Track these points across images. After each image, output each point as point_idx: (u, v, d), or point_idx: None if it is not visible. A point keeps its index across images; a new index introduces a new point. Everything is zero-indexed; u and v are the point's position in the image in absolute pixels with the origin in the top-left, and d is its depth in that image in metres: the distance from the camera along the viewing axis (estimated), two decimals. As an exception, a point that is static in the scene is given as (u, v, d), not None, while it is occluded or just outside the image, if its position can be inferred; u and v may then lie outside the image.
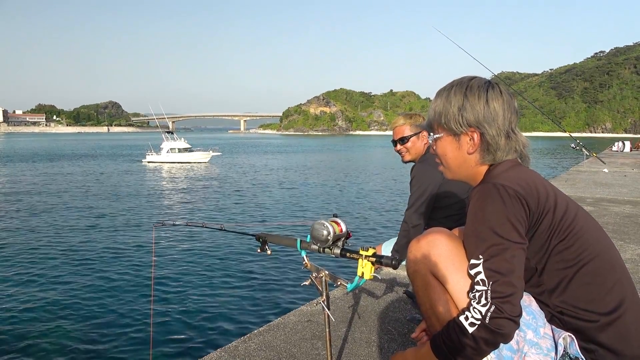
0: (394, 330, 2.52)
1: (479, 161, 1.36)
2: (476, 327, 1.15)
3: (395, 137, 2.91)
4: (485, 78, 1.39)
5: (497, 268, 1.16)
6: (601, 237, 1.29)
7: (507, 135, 1.33)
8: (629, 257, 4.13)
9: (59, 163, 38.54)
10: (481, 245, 1.20)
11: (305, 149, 67.84)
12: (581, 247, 1.21)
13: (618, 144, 26.81)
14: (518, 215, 1.19)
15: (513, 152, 1.35)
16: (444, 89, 1.39)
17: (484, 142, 1.34)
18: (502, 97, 1.33)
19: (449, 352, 1.20)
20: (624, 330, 1.18)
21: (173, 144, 39.36)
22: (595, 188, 9.15)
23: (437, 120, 1.40)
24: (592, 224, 1.31)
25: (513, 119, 1.35)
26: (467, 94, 1.33)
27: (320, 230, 1.72)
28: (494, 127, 1.32)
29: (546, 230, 1.22)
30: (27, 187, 22.53)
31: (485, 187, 1.25)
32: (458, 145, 1.38)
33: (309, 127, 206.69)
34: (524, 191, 1.21)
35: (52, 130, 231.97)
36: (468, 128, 1.34)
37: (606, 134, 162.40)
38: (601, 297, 1.19)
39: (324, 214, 15.30)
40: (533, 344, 1.20)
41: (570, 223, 1.23)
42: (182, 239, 11.46)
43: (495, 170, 1.33)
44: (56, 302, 7.42)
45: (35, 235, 12.00)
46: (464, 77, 1.40)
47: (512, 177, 1.26)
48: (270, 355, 2.26)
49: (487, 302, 1.15)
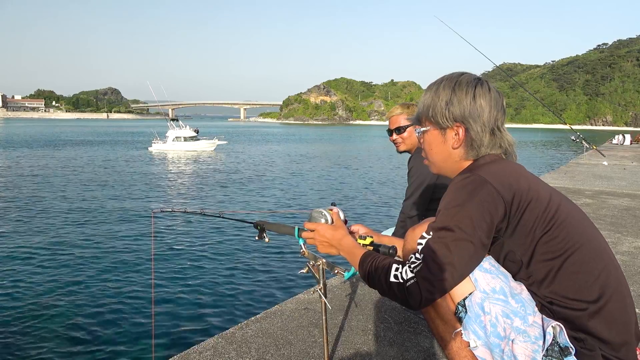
0: (390, 318, 2.53)
1: (463, 156, 1.39)
2: (396, 282, 1.26)
3: (392, 126, 2.89)
4: (476, 75, 1.41)
5: (436, 250, 1.22)
6: (586, 226, 1.29)
7: (492, 132, 1.36)
8: (626, 250, 4.15)
9: (63, 150, 38.45)
10: (438, 223, 1.25)
11: (305, 139, 67.73)
12: (567, 237, 1.22)
13: (618, 137, 26.79)
14: (487, 210, 1.20)
15: (497, 148, 1.37)
16: (434, 83, 1.42)
17: (469, 138, 1.36)
18: (490, 94, 1.36)
19: (366, 274, 1.37)
20: (610, 318, 1.19)
21: (179, 132, 39.25)
22: (594, 181, 9.16)
23: (424, 113, 1.43)
24: (576, 213, 1.31)
25: (499, 117, 1.37)
26: (456, 89, 1.36)
27: (318, 218, 1.71)
28: (479, 123, 1.34)
29: (529, 221, 1.22)
30: (30, 173, 22.51)
31: (462, 176, 1.28)
32: (443, 140, 1.41)
33: (309, 116, 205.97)
34: (501, 184, 1.23)
35: (51, 116, 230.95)
36: (454, 122, 1.37)
37: (607, 126, 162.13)
38: (588, 285, 1.20)
39: (322, 202, 15.32)
40: (520, 331, 1.21)
41: (554, 214, 1.23)
42: (182, 225, 11.49)
43: (476, 163, 1.36)
44: (56, 289, 7.46)
45: (37, 222, 12.02)
46: (454, 72, 1.42)
47: (491, 170, 1.28)
48: (267, 341, 2.27)
49: (413, 273, 1.23)
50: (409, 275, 1.24)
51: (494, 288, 1.23)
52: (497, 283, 1.24)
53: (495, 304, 1.22)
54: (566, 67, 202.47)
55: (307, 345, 2.24)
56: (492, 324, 1.22)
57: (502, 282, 1.25)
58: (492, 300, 1.23)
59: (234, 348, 2.21)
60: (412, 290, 1.22)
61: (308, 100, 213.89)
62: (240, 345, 2.24)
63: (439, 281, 1.21)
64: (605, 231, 4.85)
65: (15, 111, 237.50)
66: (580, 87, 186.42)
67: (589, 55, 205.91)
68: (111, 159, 30.61)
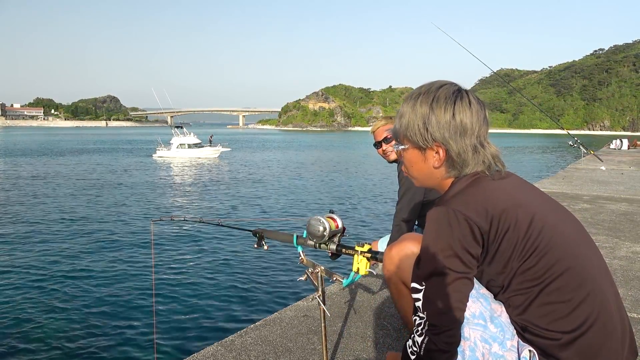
0: (389, 325, 2.54)
1: (445, 175, 1.32)
2: (415, 356, 1.21)
3: (378, 138, 2.90)
4: (456, 85, 1.32)
5: (435, 299, 1.18)
6: (575, 246, 1.22)
7: (474, 149, 1.28)
8: (623, 255, 4.16)
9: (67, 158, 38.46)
10: (425, 270, 1.21)
11: (304, 145, 67.79)
12: (547, 264, 1.16)
13: (616, 142, 26.86)
14: (466, 243, 1.17)
15: (480, 165, 1.28)
16: (411, 96, 1.34)
17: (450, 158, 1.29)
18: (471, 108, 1.27)
19: None
20: (586, 348, 1.15)
21: (183, 140, 39.33)
22: (592, 185, 9.17)
23: (402, 132, 1.35)
24: (566, 229, 1.23)
25: (482, 131, 1.29)
26: (434, 106, 1.27)
27: (316, 226, 1.73)
28: (460, 143, 1.26)
29: (507, 250, 1.18)
30: (32, 179, 22.50)
31: (437, 210, 1.22)
32: (424, 158, 1.33)
33: (308, 122, 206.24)
34: (477, 213, 1.17)
35: (50, 124, 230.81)
36: (433, 142, 1.29)
37: (604, 131, 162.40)
38: (564, 316, 1.15)
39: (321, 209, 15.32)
40: (498, 356, 1.19)
41: (535, 238, 1.17)
42: (181, 234, 11.48)
43: (451, 190, 1.28)
44: (55, 298, 7.44)
45: (35, 229, 12.00)
46: (433, 83, 1.33)
47: (466, 199, 1.21)
48: (267, 349, 2.28)
49: (423, 333, 1.19)
50: (419, 340, 1.20)
51: (474, 313, 1.22)
52: (477, 308, 1.23)
53: (475, 329, 1.21)
54: (563, 72, 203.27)
55: (307, 353, 2.25)
56: (471, 349, 1.21)
57: (482, 306, 1.23)
58: (471, 325, 1.22)
59: (233, 356, 2.21)
60: (430, 353, 1.18)
61: (306, 107, 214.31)
62: (239, 353, 2.24)
63: (449, 326, 1.18)
64: (603, 236, 4.86)
65: (15, 119, 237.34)
66: (578, 92, 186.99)
67: (586, 60, 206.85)
68: (115, 167, 30.67)
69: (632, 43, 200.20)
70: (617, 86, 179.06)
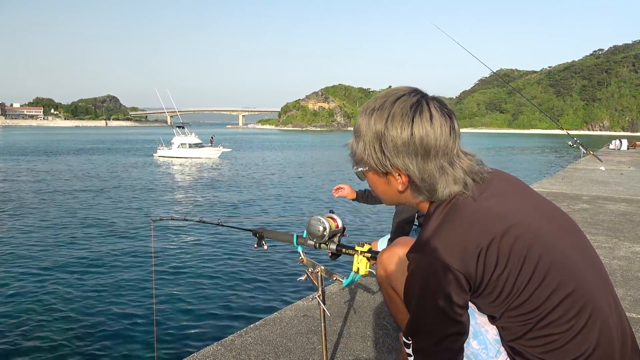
0: (388, 325, 2.54)
1: (414, 199, 1.17)
2: None
3: None
4: (414, 95, 1.11)
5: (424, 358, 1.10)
6: (573, 263, 1.09)
7: (441, 170, 1.09)
8: (623, 255, 4.17)
9: (67, 157, 38.42)
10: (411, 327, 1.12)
11: (303, 145, 67.78)
12: (544, 293, 1.05)
13: (615, 142, 26.86)
14: (453, 295, 1.05)
15: (452, 185, 1.09)
16: (366, 110, 1.15)
17: (413, 183, 1.12)
18: (432, 124, 1.07)
19: None
20: None
21: (184, 139, 39.38)
22: (591, 186, 9.18)
23: (359, 155, 1.17)
24: (563, 247, 1.10)
25: (450, 146, 1.09)
26: (388, 125, 1.09)
27: (316, 225, 1.73)
28: (422, 166, 1.09)
29: (498, 286, 1.06)
30: (32, 179, 22.49)
31: (416, 259, 1.08)
32: (386, 181, 1.17)
33: (308, 122, 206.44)
34: (459, 260, 1.04)
35: (49, 123, 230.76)
36: (392, 167, 1.12)
37: (604, 132, 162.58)
38: (560, 346, 1.06)
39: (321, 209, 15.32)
40: None
41: (529, 267, 1.05)
42: (181, 233, 11.48)
43: (429, 227, 1.11)
44: (57, 298, 7.43)
45: (36, 229, 12.00)
46: (388, 95, 1.14)
47: (445, 240, 1.06)
48: (266, 349, 2.28)
49: None
50: None
51: None
52: None
53: None
54: (563, 72, 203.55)
55: (306, 353, 2.25)
56: None
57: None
58: None
59: (233, 355, 2.21)
60: None
61: (306, 107, 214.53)
62: (239, 353, 2.24)
63: None
64: (602, 236, 4.87)
65: (14, 119, 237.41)
66: (577, 93, 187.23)
67: (586, 60, 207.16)
68: (115, 166, 30.62)
69: (632, 43, 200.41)
70: (617, 86, 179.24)
